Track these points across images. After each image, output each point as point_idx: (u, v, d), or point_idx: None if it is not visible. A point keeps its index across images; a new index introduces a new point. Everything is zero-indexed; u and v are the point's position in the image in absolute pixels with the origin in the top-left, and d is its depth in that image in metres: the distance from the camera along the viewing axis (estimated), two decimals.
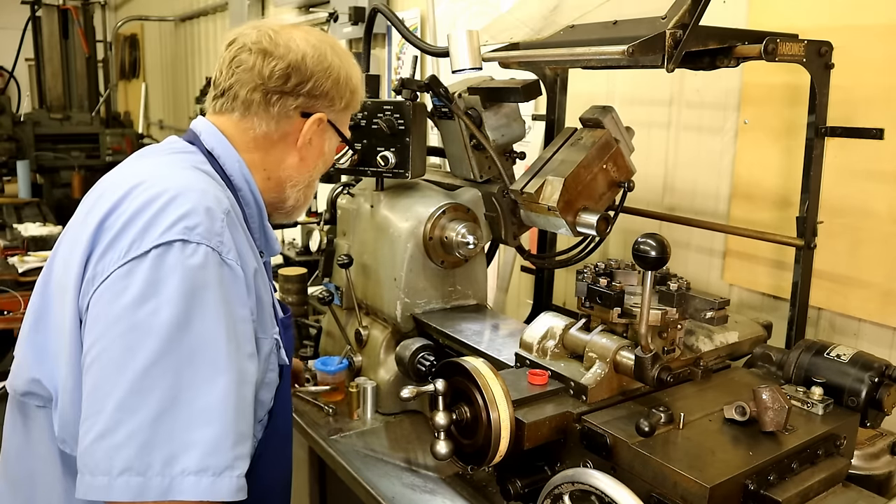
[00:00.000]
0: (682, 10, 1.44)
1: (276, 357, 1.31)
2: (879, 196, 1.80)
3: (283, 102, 1.32)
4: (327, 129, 1.40)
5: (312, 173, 1.43)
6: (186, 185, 1.16)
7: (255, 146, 1.35)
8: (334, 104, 1.38)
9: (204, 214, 1.12)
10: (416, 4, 3.58)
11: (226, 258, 1.12)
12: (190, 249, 1.08)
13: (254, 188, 1.36)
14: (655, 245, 1.26)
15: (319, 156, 1.43)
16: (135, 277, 1.06)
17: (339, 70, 1.36)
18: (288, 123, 1.35)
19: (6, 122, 5.96)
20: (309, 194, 1.47)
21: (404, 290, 2.02)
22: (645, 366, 1.36)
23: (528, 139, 2.32)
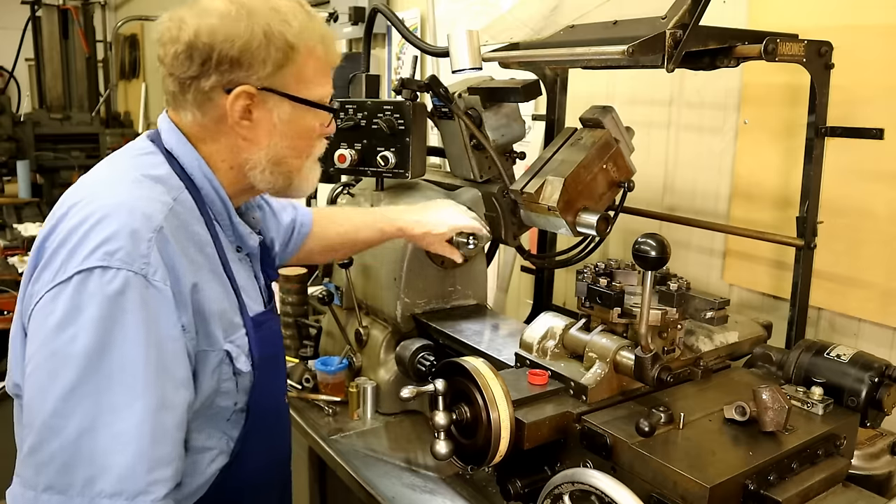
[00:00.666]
0: (682, 10, 1.44)
1: (228, 367, 1.27)
2: (879, 196, 1.80)
3: (195, 86, 1.23)
4: (268, 99, 1.26)
5: (269, 150, 1.30)
6: (117, 203, 1.14)
7: (206, 137, 1.29)
8: (256, 69, 1.22)
9: (127, 238, 1.10)
10: (416, 4, 3.58)
11: (151, 280, 1.11)
12: (109, 275, 1.08)
13: (216, 185, 1.30)
14: (655, 245, 1.27)
15: (271, 130, 1.29)
16: (58, 303, 1.08)
17: (248, 32, 1.20)
18: (213, 106, 1.25)
19: (6, 122, 5.96)
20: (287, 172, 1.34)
21: (404, 290, 2.02)
22: (645, 366, 1.36)
23: (528, 139, 2.32)
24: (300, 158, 1.35)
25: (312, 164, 1.39)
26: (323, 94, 1.33)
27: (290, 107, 1.28)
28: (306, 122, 1.32)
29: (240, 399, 1.31)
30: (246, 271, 1.40)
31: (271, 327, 1.41)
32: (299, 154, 1.34)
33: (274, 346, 1.42)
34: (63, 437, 1.05)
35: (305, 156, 1.36)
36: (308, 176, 1.38)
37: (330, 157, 2.04)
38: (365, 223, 1.87)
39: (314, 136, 1.36)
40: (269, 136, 1.29)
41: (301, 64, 1.27)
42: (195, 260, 1.22)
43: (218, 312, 1.24)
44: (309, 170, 1.38)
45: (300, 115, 1.30)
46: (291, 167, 1.34)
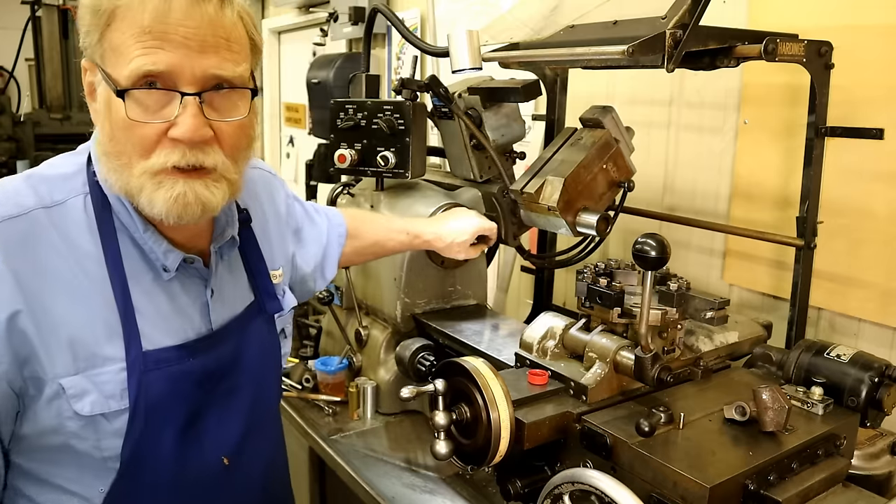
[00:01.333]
0: (682, 10, 1.44)
1: (66, 404, 1.07)
2: (879, 196, 1.80)
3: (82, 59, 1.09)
4: (97, 75, 1.06)
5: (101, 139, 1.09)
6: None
7: None
8: (87, 39, 1.04)
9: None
10: (416, 4, 3.58)
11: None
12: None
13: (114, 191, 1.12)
14: (655, 245, 1.26)
15: (97, 113, 1.09)
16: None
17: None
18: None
19: (6, 122, 5.95)
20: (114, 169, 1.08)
21: (404, 290, 2.02)
22: (645, 366, 1.35)
23: (528, 139, 2.32)
24: (130, 159, 1.06)
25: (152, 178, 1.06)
26: (131, 71, 1.01)
27: (106, 86, 1.05)
28: (121, 107, 1.03)
29: (107, 445, 1.11)
30: (169, 296, 1.18)
31: (186, 368, 1.16)
32: (125, 153, 1.06)
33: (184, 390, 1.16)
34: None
35: (137, 157, 1.05)
36: (144, 189, 1.06)
37: (330, 157, 2.04)
38: (396, 231, 1.86)
39: (143, 133, 1.04)
40: (102, 121, 1.08)
41: (117, 31, 1.01)
42: (42, 276, 1.05)
43: (67, 339, 1.06)
44: (143, 182, 1.06)
45: (115, 98, 1.03)
46: (120, 167, 1.07)
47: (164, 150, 1.05)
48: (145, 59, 1.00)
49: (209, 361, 1.20)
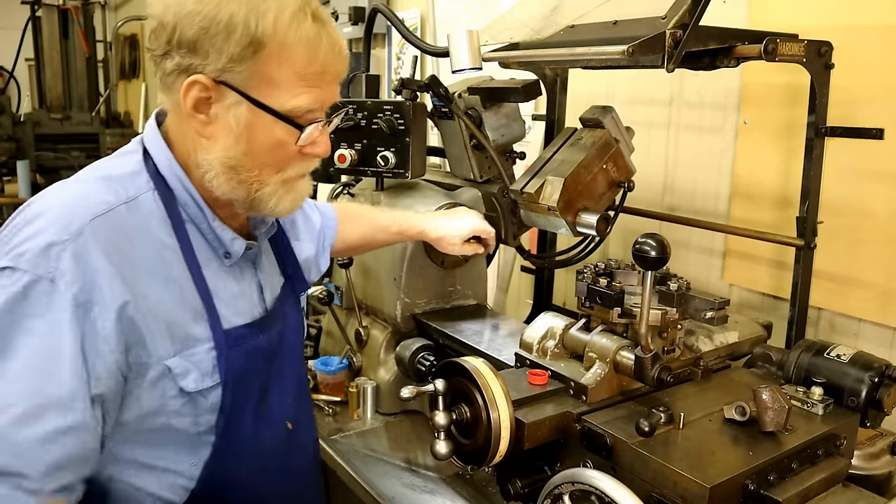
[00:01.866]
0: (682, 10, 1.44)
1: (171, 383, 1.15)
2: (879, 196, 1.80)
3: (162, 66, 1.14)
4: (227, 94, 1.12)
5: (225, 153, 1.16)
6: (50, 204, 1.10)
7: (175, 127, 1.21)
8: (211, 59, 1.09)
9: (39, 240, 1.05)
10: (416, 4, 3.58)
11: (58, 285, 1.04)
12: (15, 277, 1.03)
13: (187, 185, 1.20)
14: (655, 245, 1.26)
15: (228, 131, 1.14)
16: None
17: (212, 13, 1.07)
18: (175, 92, 1.14)
19: (6, 122, 5.96)
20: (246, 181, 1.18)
21: (404, 290, 2.02)
22: (645, 366, 1.35)
23: (528, 139, 2.32)
24: (263, 172, 1.19)
25: (284, 185, 1.22)
26: (299, 106, 1.15)
27: (247, 110, 1.13)
28: (273, 133, 1.16)
29: (203, 421, 1.20)
30: (234, 280, 1.28)
31: (262, 342, 1.28)
32: (262, 166, 1.18)
33: (257, 366, 1.28)
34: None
35: (273, 170, 1.19)
36: (276, 194, 1.21)
37: (330, 157, 2.04)
38: (385, 224, 1.88)
39: (287, 152, 1.19)
40: (227, 137, 1.15)
41: (271, 65, 1.11)
42: (139, 266, 1.12)
43: (165, 323, 1.14)
44: (277, 188, 1.21)
45: (264, 123, 1.15)
46: (251, 179, 1.18)
47: (298, 163, 1.22)
48: (307, 98, 1.15)
49: (271, 338, 1.31)
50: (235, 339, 1.22)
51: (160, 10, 1.11)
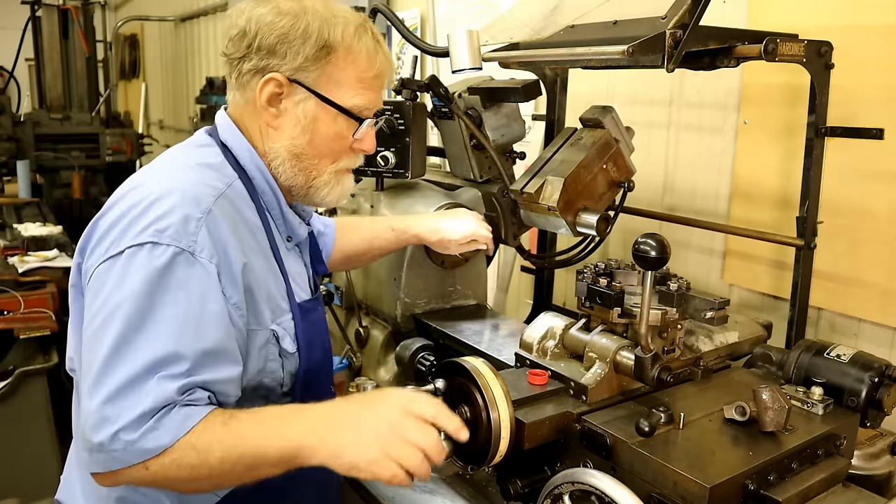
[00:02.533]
0: (682, 10, 1.44)
1: (274, 347, 1.34)
2: (879, 196, 1.80)
3: (240, 68, 1.33)
4: (298, 91, 1.33)
5: (291, 142, 1.36)
6: (170, 187, 1.24)
7: (250, 126, 1.38)
8: (288, 60, 1.30)
9: (177, 217, 1.20)
10: (416, 4, 3.58)
11: (198, 257, 1.19)
12: (159, 251, 1.17)
13: (266, 175, 1.38)
14: (655, 245, 1.26)
15: (295, 123, 1.35)
16: (110, 274, 1.18)
17: (292, 24, 1.29)
18: (250, 89, 1.34)
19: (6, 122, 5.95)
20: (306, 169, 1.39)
21: (404, 290, 2.02)
22: (645, 366, 1.35)
23: (528, 139, 2.32)
24: (321, 161, 1.39)
25: (336, 175, 1.42)
26: (357, 104, 1.36)
27: (315, 105, 1.34)
28: (335, 126, 1.36)
29: (286, 382, 1.38)
30: (295, 260, 1.47)
31: (318, 315, 1.47)
32: (321, 156, 1.38)
33: (320, 333, 1.47)
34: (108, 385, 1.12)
35: (329, 161, 1.40)
36: (329, 183, 1.41)
37: None
38: (382, 230, 1.90)
39: (342, 145, 1.39)
40: (293, 128, 1.35)
41: (337, 67, 1.33)
42: (247, 242, 1.30)
43: (266, 294, 1.32)
44: (331, 177, 1.41)
45: (329, 118, 1.35)
46: (310, 167, 1.38)
47: (348, 157, 1.42)
48: (363, 98, 1.37)
49: (323, 311, 1.52)
50: (305, 311, 1.41)
51: (242, 22, 1.32)
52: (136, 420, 1.10)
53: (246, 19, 1.31)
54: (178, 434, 1.11)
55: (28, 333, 3.20)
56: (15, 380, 3.04)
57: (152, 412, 1.11)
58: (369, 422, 1.15)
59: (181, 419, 1.13)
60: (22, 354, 3.30)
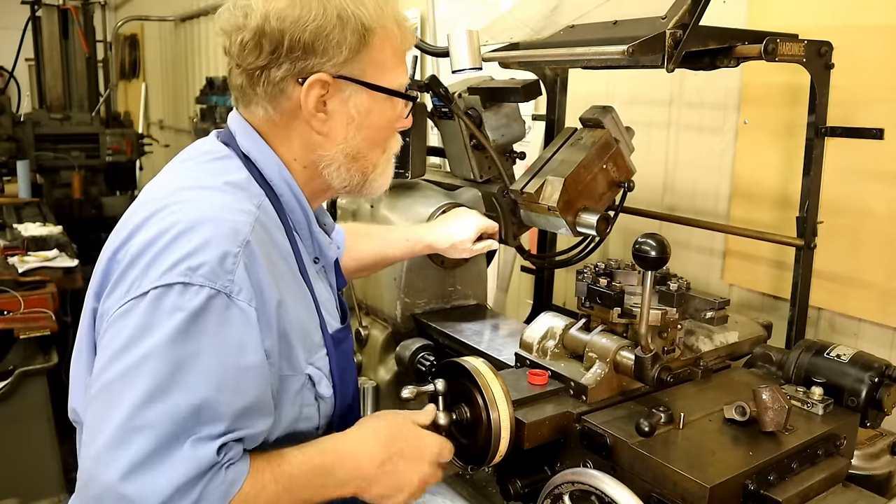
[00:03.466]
0: (682, 10, 1.44)
1: (310, 392, 1.20)
2: (879, 196, 1.80)
3: (266, 77, 1.14)
4: (344, 88, 1.17)
5: (346, 144, 1.21)
6: (201, 214, 1.07)
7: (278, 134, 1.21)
8: (331, 55, 1.13)
9: (213, 252, 1.03)
10: (416, 4, 3.58)
11: (235, 300, 1.03)
12: (190, 293, 1.00)
13: (296, 191, 1.22)
14: (655, 245, 1.26)
15: (347, 122, 1.19)
16: (130, 319, 1.01)
17: (320, 13, 1.11)
18: (285, 99, 1.16)
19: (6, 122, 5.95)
20: (363, 168, 1.24)
21: (404, 290, 2.02)
22: (645, 366, 1.35)
23: (528, 139, 2.32)
24: (376, 152, 1.25)
25: (388, 160, 1.29)
26: (401, 82, 1.23)
27: (367, 96, 1.19)
28: (387, 113, 1.23)
29: (322, 423, 1.25)
30: (323, 284, 1.32)
31: (348, 345, 1.34)
32: (375, 147, 1.25)
33: (351, 364, 1.35)
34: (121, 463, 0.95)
35: (381, 150, 1.26)
36: (384, 172, 1.29)
37: None
38: (395, 240, 1.84)
39: (392, 131, 1.27)
40: (346, 128, 1.20)
41: (378, 48, 1.17)
42: (280, 274, 1.14)
43: (301, 332, 1.17)
44: (385, 165, 1.28)
45: (378, 106, 1.21)
46: (368, 163, 1.25)
47: (393, 141, 1.29)
48: (405, 73, 1.24)
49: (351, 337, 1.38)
50: (337, 342, 1.26)
51: (256, 22, 1.11)
52: (171, 496, 0.94)
53: (260, 18, 1.11)
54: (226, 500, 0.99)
55: (28, 333, 3.19)
56: (15, 380, 3.04)
57: (190, 483, 0.96)
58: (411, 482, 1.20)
59: (228, 485, 1.00)
60: (22, 354, 3.30)
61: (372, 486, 1.17)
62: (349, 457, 1.16)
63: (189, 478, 0.96)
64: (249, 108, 1.21)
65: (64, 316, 3.37)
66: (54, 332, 3.21)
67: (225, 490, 0.99)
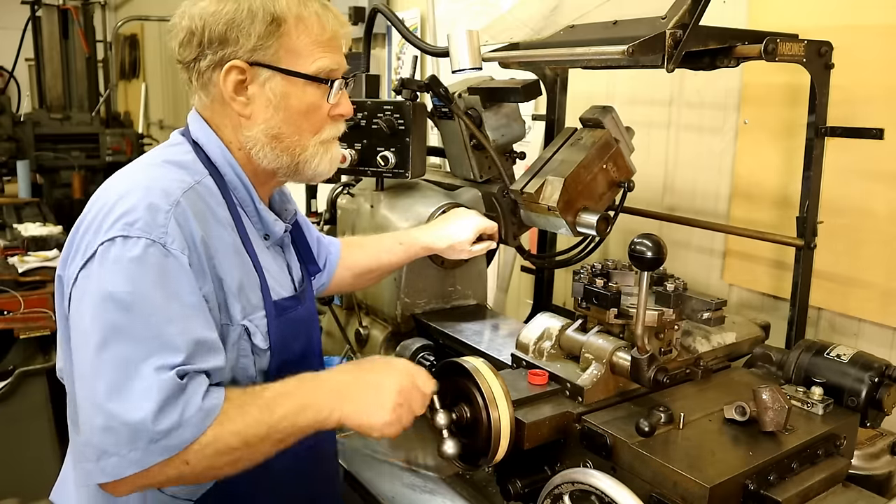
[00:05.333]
0: (682, 10, 1.44)
1: (246, 343, 1.32)
2: (879, 196, 1.80)
3: (196, 69, 1.30)
4: (260, 73, 1.29)
5: (266, 125, 1.32)
6: (135, 183, 1.24)
7: (214, 118, 1.35)
8: (242, 43, 1.27)
9: (144, 210, 1.18)
10: (416, 4, 3.58)
11: (169, 248, 1.18)
12: (130, 244, 1.16)
13: (238, 170, 1.35)
14: (651, 245, 1.26)
15: (267, 104, 1.31)
16: (89, 278, 1.17)
17: (234, 7, 1.26)
18: (213, 86, 1.31)
19: (6, 122, 5.95)
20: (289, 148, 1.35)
21: (404, 290, 2.02)
22: (641, 367, 1.35)
23: (528, 139, 2.32)
24: (303, 136, 1.35)
25: (322, 145, 1.38)
26: (321, 68, 1.32)
27: (282, 80, 1.30)
28: (307, 97, 1.33)
29: (258, 379, 1.34)
30: (273, 258, 1.44)
31: (298, 314, 1.43)
32: (301, 131, 1.35)
33: (301, 332, 1.44)
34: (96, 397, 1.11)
35: (310, 133, 1.36)
36: (317, 156, 1.38)
37: None
38: (390, 245, 1.86)
39: (320, 114, 1.36)
40: (265, 110, 1.32)
41: (291, 37, 1.29)
42: (217, 236, 1.27)
43: (237, 288, 1.29)
44: (317, 150, 1.38)
45: (298, 90, 1.32)
46: (293, 144, 1.35)
47: (329, 126, 1.39)
48: (326, 61, 1.33)
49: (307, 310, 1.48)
50: (282, 310, 1.38)
51: (187, 23, 1.28)
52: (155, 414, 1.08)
53: (189, 18, 1.28)
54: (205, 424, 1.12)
55: (28, 333, 3.20)
56: (15, 380, 3.04)
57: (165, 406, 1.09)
58: (386, 391, 1.26)
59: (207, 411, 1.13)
60: (22, 354, 3.30)
61: (350, 402, 1.24)
62: (325, 379, 1.28)
63: (162, 397, 1.09)
64: (193, 99, 1.37)
65: None
66: (54, 332, 3.20)
67: (204, 415, 1.12)
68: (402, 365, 1.33)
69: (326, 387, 1.26)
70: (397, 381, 1.28)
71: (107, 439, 1.09)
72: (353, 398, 1.24)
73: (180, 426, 1.10)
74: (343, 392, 1.25)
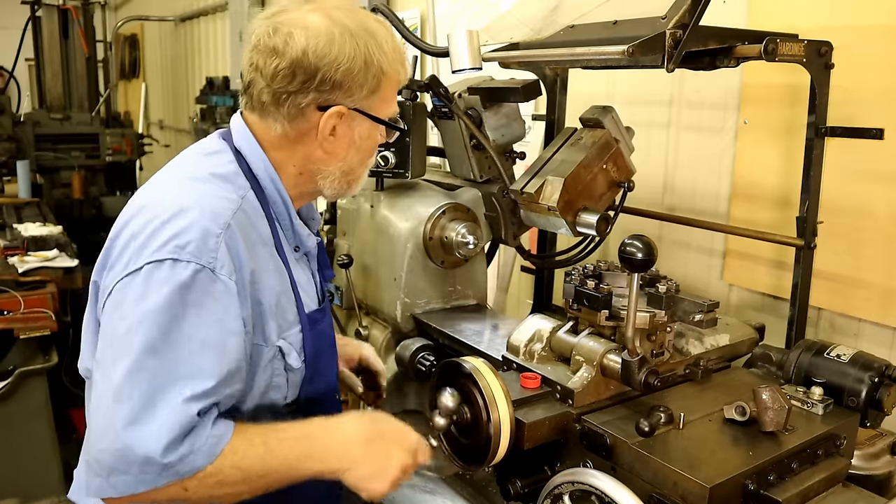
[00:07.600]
0: (682, 10, 1.44)
1: (280, 363, 1.33)
2: (879, 196, 1.80)
3: (292, 101, 1.28)
4: (354, 118, 1.34)
5: (344, 163, 1.38)
6: (187, 201, 1.23)
7: (279, 144, 1.35)
8: (353, 93, 1.30)
9: (197, 233, 1.19)
10: (416, 4, 3.58)
11: (218, 274, 1.19)
12: (180, 268, 1.17)
13: (279, 186, 1.36)
14: (642, 247, 1.26)
15: (349, 145, 1.36)
16: (128, 291, 1.17)
17: (352, 57, 1.26)
18: (304, 121, 1.31)
19: (6, 122, 5.94)
20: (351, 180, 1.42)
21: (404, 290, 2.02)
22: (632, 369, 1.34)
23: (528, 139, 2.32)
24: (363, 168, 1.44)
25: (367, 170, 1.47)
26: (394, 111, 1.41)
27: (369, 125, 1.36)
28: (377, 137, 1.41)
29: (290, 394, 1.37)
30: (304, 270, 1.46)
31: (325, 325, 1.47)
32: (364, 163, 1.43)
33: (326, 343, 1.47)
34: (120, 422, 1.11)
35: (366, 165, 1.44)
36: (362, 179, 1.46)
37: None
38: None
39: (376, 147, 1.45)
40: (347, 150, 1.36)
41: (384, 88, 1.34)
42: (259, 256, 1.29)
43: (276, 308, 1.31)
44: (364, 174, 1.46)
45: (375, 132, 1.39)
46: (357, 176, 1.43)
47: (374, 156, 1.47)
48: (395, 105, 1.41)
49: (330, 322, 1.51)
50: (312, 322, 1.40)
51: (293, 54, 1.24)
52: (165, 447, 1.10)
53: (300, 51, 1.24)
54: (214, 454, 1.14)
55: (28, 333, 3.19)
56: (15, 380, 3.03)
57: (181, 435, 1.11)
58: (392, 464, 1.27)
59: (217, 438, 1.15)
60: (22, 354, 3.30)
61: (357, 466, 1.25)
62: (336, 427, 1.28)
63: (180, 429, 1.11)
64: (265, 121, 1.33)
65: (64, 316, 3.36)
66: (54, 332, 3.20)
67: (214, 442, 1.14)
68: (413, 440, 1.32)
69: (337, 442, 1.26)
70: (404, 458, 1.29)
71: (118, 462, 1.11)
72: (360, 463, 1.25)
73: (191, 453, 1.12)
74: (352, 454, 1.26)
